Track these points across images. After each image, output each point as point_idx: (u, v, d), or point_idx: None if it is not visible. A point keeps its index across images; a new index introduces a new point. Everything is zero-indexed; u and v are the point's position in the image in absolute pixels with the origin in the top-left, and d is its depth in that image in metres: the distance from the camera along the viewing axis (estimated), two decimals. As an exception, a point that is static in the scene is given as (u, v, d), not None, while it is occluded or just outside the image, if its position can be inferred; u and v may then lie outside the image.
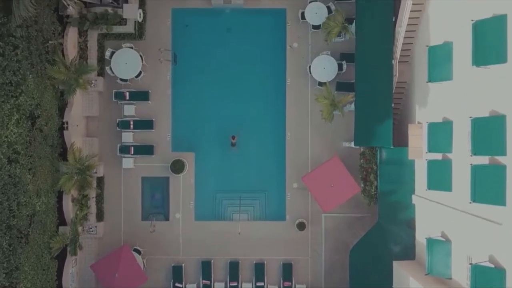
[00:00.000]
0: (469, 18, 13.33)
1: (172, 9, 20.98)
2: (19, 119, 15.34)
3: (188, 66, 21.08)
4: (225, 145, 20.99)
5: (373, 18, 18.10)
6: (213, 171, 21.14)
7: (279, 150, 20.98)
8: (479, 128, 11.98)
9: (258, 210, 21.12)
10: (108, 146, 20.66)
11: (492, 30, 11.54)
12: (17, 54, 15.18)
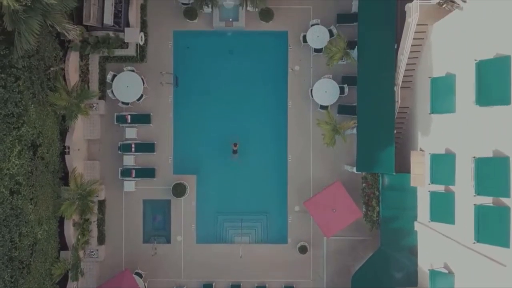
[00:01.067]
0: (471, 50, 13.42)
1: (173, 31, 20.96)
2: (20, 150, 15.31)
3: (190, 88, 21.05)
4: (227, 168, 21.03)
5: (375, 44, 18.09)
6: (215, 193, 21.13)
7: (280, 172, 20.97)
8: (482, 168, 11.96)
9: (260, 233, 21.09)
10: (109, 169, 20.63)
11: (496, 71, 11.53)
12: (19, 85, 15.16)
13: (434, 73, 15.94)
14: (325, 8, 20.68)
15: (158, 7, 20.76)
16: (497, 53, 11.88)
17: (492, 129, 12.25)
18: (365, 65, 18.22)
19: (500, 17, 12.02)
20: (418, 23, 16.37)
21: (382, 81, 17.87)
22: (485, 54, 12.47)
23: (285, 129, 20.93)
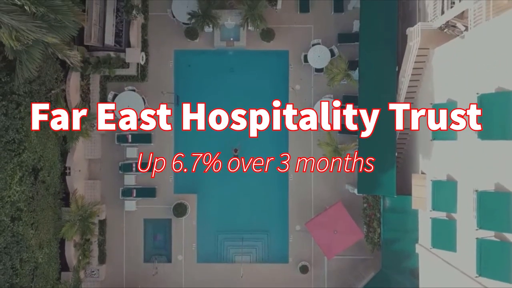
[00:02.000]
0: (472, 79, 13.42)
1: (174, 50, 20.95)
2: (21, 177, 15.30)
3: (191, 107, 21.00)
4: (228, 187, 21.03)
5: (376, 66, 18.07)
6: (215, 212, 21.13)
7: (281, 191, 20.97)
8: (485, 202, 11.93)
9: (261, 252, 21.07)
10: (110, 188, 20.62)
11: (498, 105, 11.49)
12: (20, 112, 15.14)
13: (436, 98, 15.92)
14: (326, 27, 20.70)
15: (159, 26, 20.77)
16: (499, 86, 11.86)
17: (494, 161, 12.22)
18: (366, 87, 18.21)
19: (501, 50, 12.00)
20: (419, 47, 16.38)
21: (383, 103, 17.83)
22: (487, 84, 12.46)
23: (286, 148, 20.91)
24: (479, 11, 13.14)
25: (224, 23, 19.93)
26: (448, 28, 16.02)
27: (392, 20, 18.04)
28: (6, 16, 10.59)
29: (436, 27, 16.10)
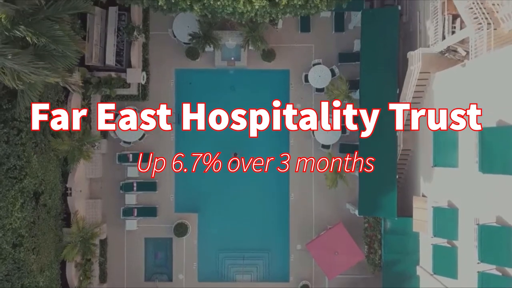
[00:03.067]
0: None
1: (175, 69, 20.97)
2: (23, 203, 15.31)
3: (192, 127, 21.00)
4: (228, 205, 21.05)
5: (377, 88, 18.08)
6: (216, 231, 21.14)
7: (282, 210, 20.99)
8: (486, 235, 11.94)
9: (262, 271, 21.08)
10: (111, 207, 20.63)
11: (499, 140, 11.50)
12: (22, 138, 15.15)
13: (436, 122, 15.94)
14: (327, 46, 20.71)
15: (160, 45, 20.78)
16: (500, 119, 11.88)
17: (496, 194, 12.23)
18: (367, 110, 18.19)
19: (502, 83, 12.01)
20: (420, 71, 16.39)
21: (384, 125, 17.85)
22: (488, 116, 12.48)
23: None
24: (480, 40, 13.16)
25: (225, 43, 19.94)
26: (449, 52, 16.04)
27: (393, 42, 18.06)
28: (9, 61, 10.61)
29: (437, 51, 16.13)
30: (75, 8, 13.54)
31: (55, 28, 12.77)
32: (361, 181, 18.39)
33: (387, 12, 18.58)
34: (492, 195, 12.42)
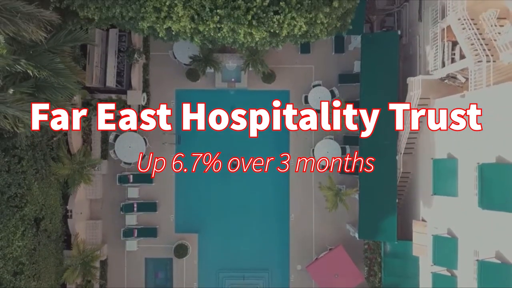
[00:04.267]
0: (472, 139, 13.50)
1: (175, 90, 21.01)
2: (24, 230, 15.36)
3: (192, 146, 21.06)
4: (229, 225, 21.08)
5: (377, 115, 18.11)
6: (217, 251, 21.16)
7: (282, 230, 21.04)
8: (485, 271, 11.98)
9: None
10: (111, 227, 20.66)
11: (498, 176, 11.55)
12: (23, 166, 15.20)
13: (437, 149, 15.99)
14: (327, 67, 20.77)
15: (160, 66, 20.84)
16: (499, 155, 11.92)
17: (495, 229, 12.27)
18: (367, 134, 18.27)
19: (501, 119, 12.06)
20: (420, 97, 16.44)
21: (384, 149, 17.90)
22: (487, 150, 12.53)
23: (287, 187, 20.96)
24: (480, 73, 13.21)
25: (226, 65, 19.99)
26: (448, 79, 16.11)
27: (393, 67, 18.13)
28: (11, 109, 10.66)
29: (436, 78, 16.19)
30: (76, 40, 13.59)
31: (56, 61, 12.80)
32: (361, 204, 18.42)
33: (387, 36, 18.65)
34: (491, 229, 12.47)
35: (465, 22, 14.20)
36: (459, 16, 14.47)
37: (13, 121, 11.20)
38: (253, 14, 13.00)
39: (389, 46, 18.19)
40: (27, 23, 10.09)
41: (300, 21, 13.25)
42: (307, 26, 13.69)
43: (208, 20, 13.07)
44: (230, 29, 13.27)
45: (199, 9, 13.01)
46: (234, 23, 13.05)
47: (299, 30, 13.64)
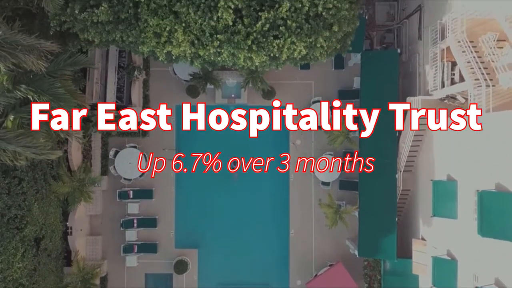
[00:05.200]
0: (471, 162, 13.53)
1: (175, 105, 21.03)
2: (24, 252, 15.36)
3: (192, 161, 21.07)
4: (229, 241, 21.09)
5: (377, 132, 18.10)
6: (216, 266, 21.18)
7: (282, 246, 21.06)
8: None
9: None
10: (111, 243, 20.69)
11: (497, 205, 11.57)
12: (23, 187, 15.21)
13: (436, 169, 16.03)
14: (326, 83, 20.79)
15: (161, 81, 20.86)
16: (498, 182, 11.94)
17: (494, 255, 12.29)
18: (367, 151, 18.26)
19: (500, 146, 12.09)
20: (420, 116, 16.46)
21: (384, 167, 17.92)
22: (486, 176, 12.56)
23: (287, 203, 20.98)
24: (479, 98, 13.22)
25: (226, 81, 20.02)
26: (448, 99, 16.14)
27: (393, 85, 18.16)
28: (11, 145, 10.68)
29: (436, 98, 16.22)
30: (76, 64, 13.63)
31: (56, 86, 12.83)
32: (361, 222, 18.44)
33: (387, 54, 18.73)
34: (491, 255, 12.48)
35: (465, 44, 14.23)
36: (459, 39, 14.50)
37: (13, 155, 11.23)
38: (253, 39, 13.05)
39: (388, 64, 18.22)
40: (28, 55, 10.11)
41: (300, 45, 13.30)
42: (307, 50, 13.72)
43: (208, 45, 13.11)
44: (230, 54, 13.31)
45: (199, 34, 13.06)
46: (234, 48, 13.10)
47: (299, 54, 13.68)
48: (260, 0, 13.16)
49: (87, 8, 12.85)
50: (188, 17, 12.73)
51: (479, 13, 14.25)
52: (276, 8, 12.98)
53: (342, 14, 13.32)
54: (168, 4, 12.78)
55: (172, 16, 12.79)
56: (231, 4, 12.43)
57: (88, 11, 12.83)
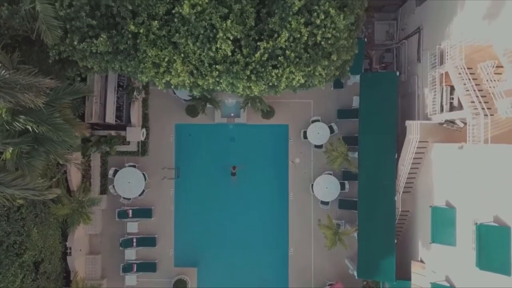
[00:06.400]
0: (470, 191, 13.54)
1: (175, 124, 21.06)
2: (23, 277, 15.36)
3: (191, 180, 21.13)
4: (228, 260, 21.12)
5: (376, 153, 18.13)
6: (216, 285, 21.17)
7: (282, 265, 21.06)
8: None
9: (261, 324, 21.14)
10: (111, 262, 20.71)
11: (496, 239, 11.58)
12: (22, 213, 15.22)
13: (435, 195, 16.03)
14: (325, 102, 20.82)
15: (160, 100, 20.89)
16: (497, 215, 11.95)
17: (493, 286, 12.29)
18: (366, 174, 18.30)
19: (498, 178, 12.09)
20: (419, 141, 16.47)
21: (383, 189, 17.93)
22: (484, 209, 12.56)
23: (286, 222, 21.00)
24: (477, 127, 13.23)
25: (225, 101, 20.04)
26: (447, 123, 16.13)
27: (392, 107, 18.18)
28: (10, 189, 10.70)
29: (435, 122, 16.23)
30: (75, 93, 13.64)
31: (55, 116, 12.83)
32: (360, 244, 18.44)
33: (386, 76, 18.72)
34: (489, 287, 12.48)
35: (463, 71, 14.25)
36: (457, 65, 14.51)
37: (11, 197, 11.25)
38: (252, 69, 13.06)
39: (388, 86, 18.24)
40: (26, 93, 10.12)
41: (298, 75, 13.30)
42: (305, 78, 13.73)
43: (207, 75, 13.12)
44: (229, 83, 13.33)
45: (198, 64, 13.07)
46: (233, 78, 13.11)
47: (297, 82, 13.69)
48: (259, 30, 13.19)
49: (86, 38, 12.85)
50: (187, 47, 12.73)
51: (478, 41, 14.26)
52: (275, 38, 12.99)
53: (341, 43, 13.33)
54: (167, 35, 12.79)
55: (171, 47, 12.80)
56: (230, 35, 12.45)
57: (87, 41, 12.82)
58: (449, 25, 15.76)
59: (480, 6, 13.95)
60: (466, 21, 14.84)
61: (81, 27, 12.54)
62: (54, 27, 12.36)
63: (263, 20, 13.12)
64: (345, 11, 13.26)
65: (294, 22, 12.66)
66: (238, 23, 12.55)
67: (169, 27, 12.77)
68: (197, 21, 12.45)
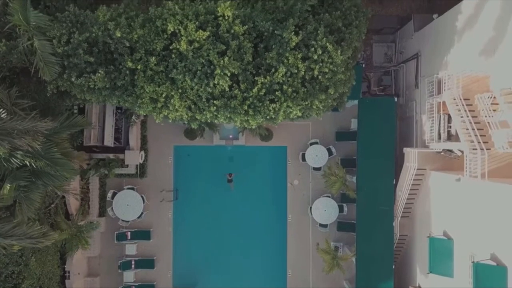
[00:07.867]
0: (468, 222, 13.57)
1: (174, 146, 21.08)
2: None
3: (190, 201, 21.13)
4: (226, 281, 21.08)
5: (374, 179, 18.16)
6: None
7: (280, 286, 21.02)
8: None
9: None
10: (109, 284, 20.71)
11: (493, 278, 11.59)
12: (20, 243, 15.22)
13: (433, 223, 16.06)
14: (324, 125, 20.77)
15: (158, 122, 20.85)
16: (493, 253, 11.97)
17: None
18: (364, 199, 18.34)
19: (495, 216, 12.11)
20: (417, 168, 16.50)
21: (381, 215, 17.95)
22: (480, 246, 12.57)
23: (284, 244, 21.02)
24: (474, 161, 13.25)
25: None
26: (444, 152, 16.17)
27: (390, 132, 18.24)
28: (7, 240, 10.74)
29: (432, 150, 16.26)
30: (74, 126, 13.69)
31: (53, 150, 12.87)
32: (358, 269, 18.46)
33: (384, 102, 18.75)
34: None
35: (460, 104, 14.28)
36: (454, 96, 14.55)
37: (9, 244, 11.28)
38: (249, 104, 13.10)
39: (386, 112, 18.29)
40: (23, 137, 10.15)
41: (296, 109, 13.34)
42: (303, 111, 13.78)
43: (204, 110, 13.16)
44: (226, 117, 13.37)
45: (196, 99, 13.11)
46: (231, 112, 13.15)
47: (295, 115, 13.74)
48: (257, 64, 13.22)
49: (84, 73, 12.89)
50: (184, 83, 12.78)
51: (475, 72, 14.31)
52: (272, 72, 13.03)
53: (338, 77, 13.36)
54: (164, 71, 12.83)
55: (169, 83, 12.85)
56: (227, 72, 12.48)
57: (85, 76, 12.87)
58: (447, 54, 15.80)
59: (477, 39, 14.01)
60: (463, 53, 14.89)
61: (79, 63, 12.58)
62: (51, 63, 12.42)
63: (261, 54, 13.16)
64: (342, 46, 13.30)
65: (291, 57, 12.71)
66: (235, 59, 12.59)
67: (166, 62, 12.82)
68: (195, 57, 12.50)
